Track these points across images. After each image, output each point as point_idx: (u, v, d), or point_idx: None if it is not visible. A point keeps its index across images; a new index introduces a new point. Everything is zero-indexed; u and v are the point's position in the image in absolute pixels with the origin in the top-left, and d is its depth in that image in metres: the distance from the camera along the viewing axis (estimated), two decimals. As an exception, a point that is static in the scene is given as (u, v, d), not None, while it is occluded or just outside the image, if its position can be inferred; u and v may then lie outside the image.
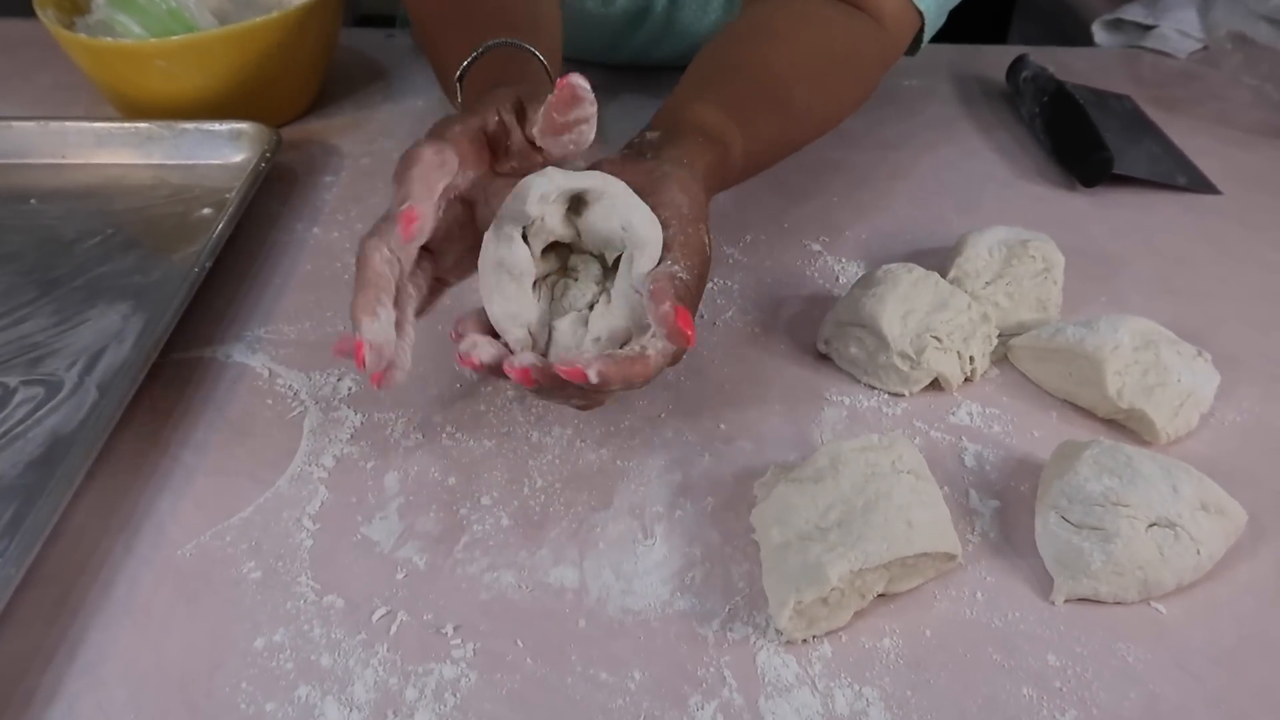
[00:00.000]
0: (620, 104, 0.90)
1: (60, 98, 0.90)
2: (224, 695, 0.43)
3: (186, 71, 0.79)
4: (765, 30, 0.66)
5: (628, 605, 0.47)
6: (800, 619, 0.45)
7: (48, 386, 0.59)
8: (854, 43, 0.70)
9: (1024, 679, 0.44)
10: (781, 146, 0.66)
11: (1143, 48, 1.04)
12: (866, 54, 0.71)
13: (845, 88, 0.71)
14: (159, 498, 0.53)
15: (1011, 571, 0.49)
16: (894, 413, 0.58)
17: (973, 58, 1.00)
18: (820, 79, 0.67)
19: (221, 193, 0.76)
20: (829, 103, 0.69)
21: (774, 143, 0.64)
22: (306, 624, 0.46)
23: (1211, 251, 0.73)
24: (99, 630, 0.46)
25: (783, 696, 0.44)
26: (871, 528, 0.46)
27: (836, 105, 0.71)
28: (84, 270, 0.69)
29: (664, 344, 0.44)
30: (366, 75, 0.95)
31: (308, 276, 0.69)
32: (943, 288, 0.61)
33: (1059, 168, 0.82)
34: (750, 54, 0.64)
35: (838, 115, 0.71)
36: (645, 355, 0.44)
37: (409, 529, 0.51)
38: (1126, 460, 0.50)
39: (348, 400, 0.59)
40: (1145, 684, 0.44)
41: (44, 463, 0.54)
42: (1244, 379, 0.61)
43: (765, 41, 0.65)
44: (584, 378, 0.43)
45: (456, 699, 0.43)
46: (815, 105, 0.67)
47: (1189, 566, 0.48)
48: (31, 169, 0.79)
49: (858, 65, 0.71)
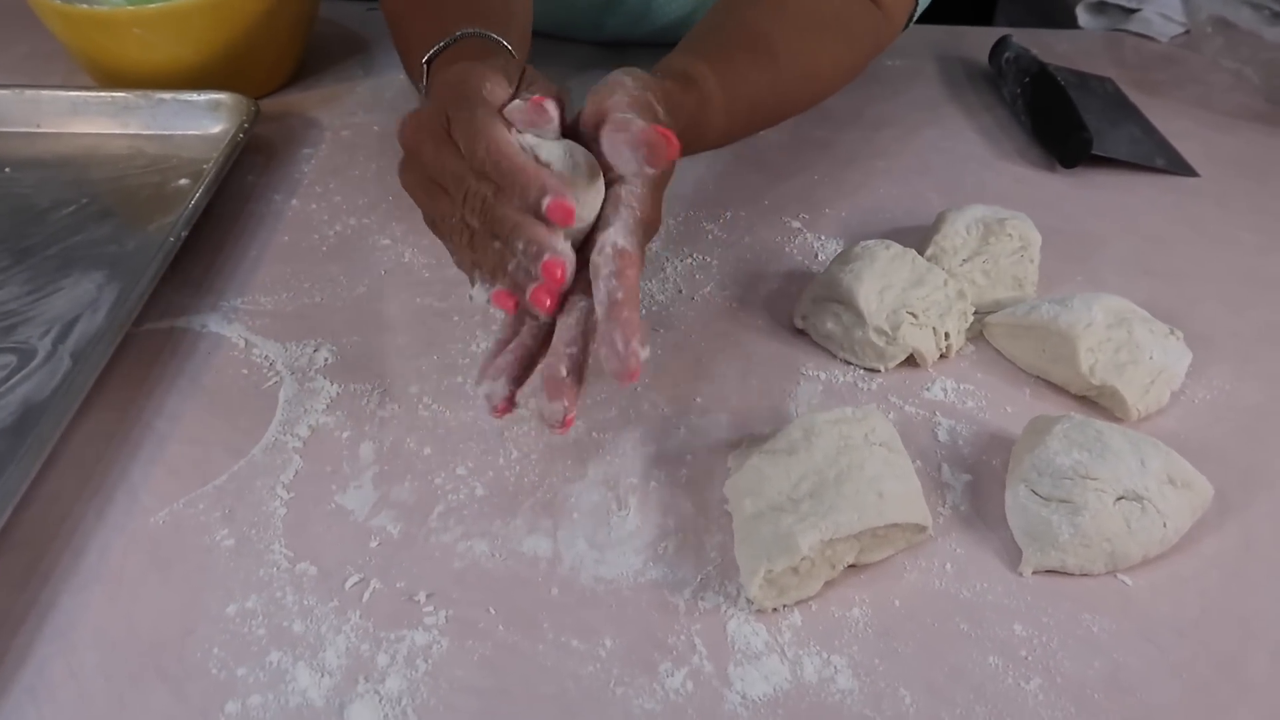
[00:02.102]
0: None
1: (36, 67, 0.89)
2: (195, 660, 0.44)
3: (164, 40, 0.78)
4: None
5: (600, 574, 0.48)
6: (771, 588, 0.45)
7: (20, 354, 0.59)
8: (845, 11, 0.70)
9: (990, 648, 0.45)
10: (768, 106, 0.66)
11: (1126, 31, 1.04)
12: (858, 24, 0.71)
13: (834, 52, 0.70)
14: (132, 465, 0.52)
15: (981, 544, 0.50)
16: (869, 388, 0.59)
17: (957, 39, 1.00)
18: (807, 40, 0.67)
19: (199, 163, 0.75)
20: (817, 65, 0.69)
21: (758, 101, 0.63)
22: (279, 591, 0.46)
23: (1188, 232, 0.73)
24: (70, 596, 0.46)
25: (752, 664, 0.44)
26: (843, 499, 0.46)
27: (828, 69, 0.70)
28: (58, 239, 0.69)
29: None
30: (346, 48, 0.94)
31: (285, 248, 0.69)
32: (919, 265, 0.62)
33: (1039, 148, 0.82)
34: (736, 16, 0.64)
35: (828, 79, 0.71)
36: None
37: (383, 498, 0.51)
38: (1096, 435, 0.50)
39: (324, 371, 0.59)
40: (1109, 653, 0.45)
41: (16, 430, 0.54)
42: (1216, 357, 0.61)
43: (751, 6, 0.65)
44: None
45: (428, 665, 0.44)
46: (802, 66, 0.67)
47: (1155, 539, 0.48)
48: (6, 137, 0.79)
49: (848, 33, 0.71)
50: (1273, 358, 0.62)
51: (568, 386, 0.46)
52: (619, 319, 0.44)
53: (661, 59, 0.59)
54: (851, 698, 0.43)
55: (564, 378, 0.46)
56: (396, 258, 0.68)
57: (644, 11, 0.89)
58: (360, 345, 0.61)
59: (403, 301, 0.64)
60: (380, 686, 0.43)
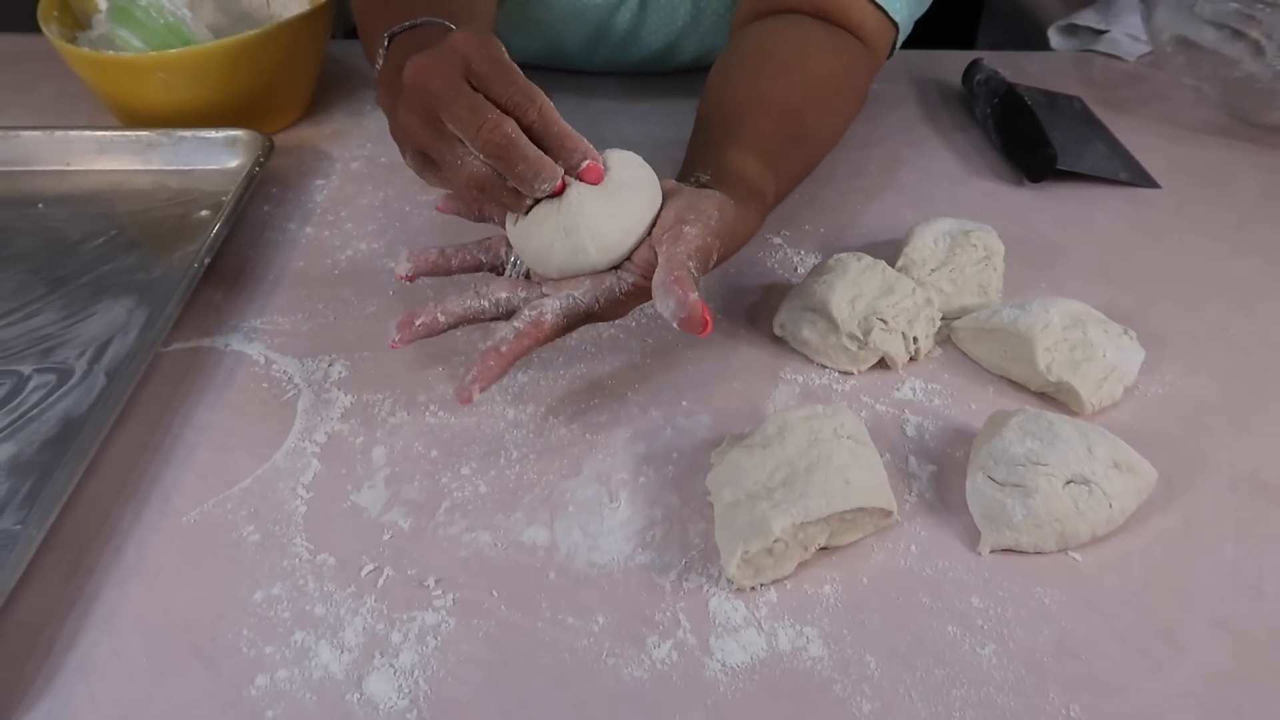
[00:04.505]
0: (597, 108, 0.95)
1: (63, 108, 0.95)
2: (227, 640, 0.48)
3: (184, 82, 0.83)
4: (777, 61, 0.72)
5: (594, 560, 0.52)
6: (748, 568, 0.50)
7: (59, 374, 0.64)
8: (850, 66, 0.76)
9: (950, 619, 0.49)
10: (799, 180, 0.73)
11: (1095, 51, 1.09)
12: (859, 74, 0.78)
13: (847, 110, 0.77)
14: (164, 471, 0.57)
15: (943, 527, 0.54)
16: (843, 389, 0.63)
17: (933, 62, 1.05)
18: (828, 108, 0.73)
19: (218, 196, 0.80)
20: (835, 129, 0.76)
21: (795, 179, 0.71)
22: (301, 579, 0.51)
23: (1148, 240, 0.78)
24: (112, 587, 0.51)
25: (731, 636, 0.48)
26: (812, 486, 0.51)
27: (841, 129, 0.78)
28: (89, 269, 0.74)
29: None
30: (355, 85, 1.00)
31: (300, 272, 0.74)
32: (889, 274, 0.66)
33: (1008, 164, 0.87)
34: (769, 90, 0.70)
35: (840, 137, 0.78)
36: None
37: (394, 496, 0.56)
38: (1048, 425, 0.55)
39: (338, 383, 0.63)
40: (1059, 622, 0.49)
41: (58, 442, 0.59)
42: (1168, 355, 0.65)
43: (781, 75, 0.71)
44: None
45: (437, 641, 0.48)
46: (824, 134, 0.74)
47: (1102, 519, 0.52)
48: (38, 175, 0.84)
49: (855, 87, 0.78)
50: (1222, 355, 0.66)
51: (490, 368, 0.53)
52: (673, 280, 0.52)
53: (707, 130, 0.67)
54: (821, 664, 0.47)
55: (494, 356, 0.53)
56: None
57: (629, 44, 0.95)
58: (371, 360, 0.65)
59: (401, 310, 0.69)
60: (395, 661, 0.47)
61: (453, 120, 0.53)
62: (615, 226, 0.55)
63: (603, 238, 0.55)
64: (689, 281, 0.52)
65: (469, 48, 0.53)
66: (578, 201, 0.54)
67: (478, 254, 0.61)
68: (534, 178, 0.53)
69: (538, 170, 0.53)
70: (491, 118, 0.52)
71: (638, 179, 0.57)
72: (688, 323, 0.51)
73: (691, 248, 0.54)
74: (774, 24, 0.76)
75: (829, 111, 0.74)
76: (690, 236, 0.54)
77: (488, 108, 0.52)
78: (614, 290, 0.56)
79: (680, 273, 0.52)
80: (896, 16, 0.77)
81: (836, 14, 0.76)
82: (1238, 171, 0.87)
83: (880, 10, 0.77)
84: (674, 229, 0.55)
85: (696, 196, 0.57)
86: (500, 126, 0.52)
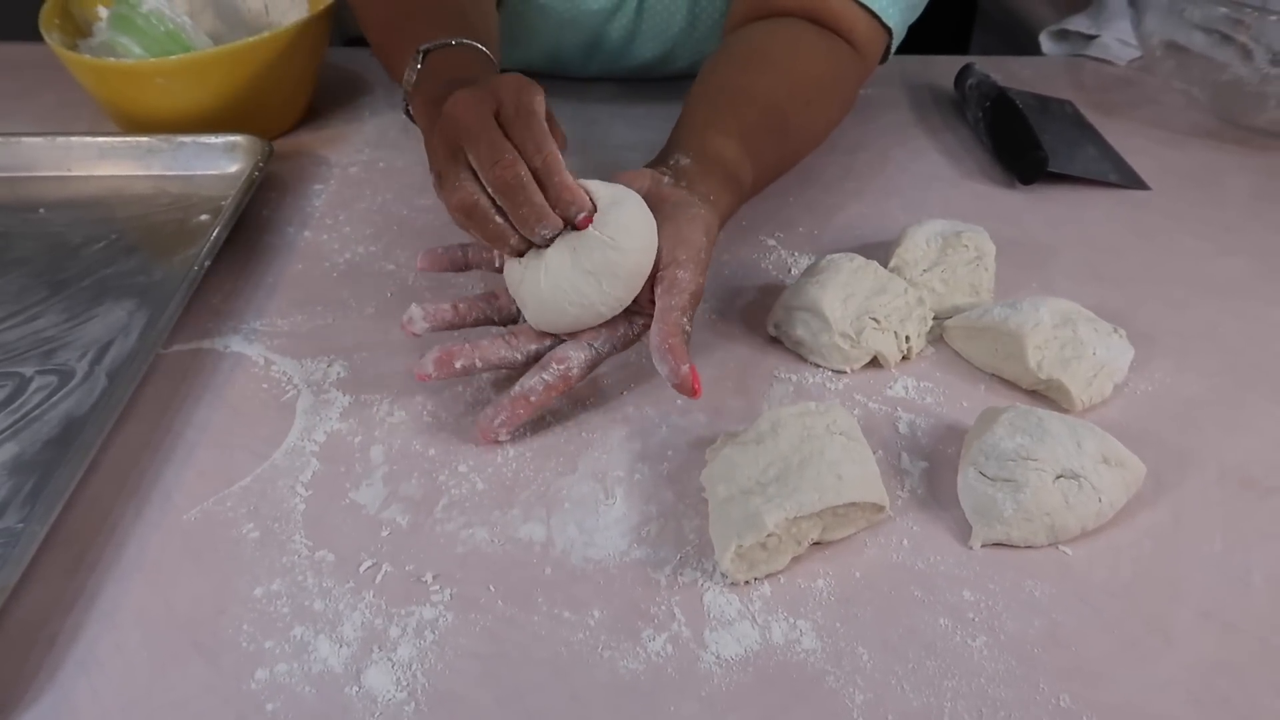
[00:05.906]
0: (593, 112, 0.96)
1: (64, 114, 0.95)
2: (227, 635, 0.49)
3: (184, 89, 0.84)
4: (765, 58, 0.74)
5: (589, 555, 0.53)
6: (741, 562, 0.50)
7: (61, 375, 0.64)
8: (838, 68, 0.78)
9: (941, 611, 0.50)
10: (778, 172, 0.75)
11: (1086, 56, 1.10)
12: (848, 78, 0.79)
13: (831, 112, 0.79)
14: (165, 469, 0.58)
15: (935, 522, 0.55)
16: (836, 387, 0.64)
17: (926, 67, 1.06)
18: (812, 107, 0.75)
19: (217, 200, 0.81)
20: (818, 128, 0.78)
21: (773, 170, 0.74)
22: (300, 575, 0.52)
23: (1137, 241, 0.79)
24: (114, 583, 0.51)
25: (725, 629, 0.49)
26: (805, 481, 0.51)
27: (823, 129, 0.79)
28: (90, 272, 0.75)
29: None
30: (354, 91, 1.01)
31: (299, 275, 0.75)
32: (881, 275, 0.67)
33: (1000, 167, 0.88)
34: (755, 83, 0.72)
35: (823, 138, 0.80)
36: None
37: (393, 494, 0.56)
38: (1038, 421, 0.56)
39: (337, 384, 0.64)
40: (1049, 614, 0.50)
41: (60, 441, 0.59)
42: (1158, 353, 0.66)
43: (769, 70, 0.73)
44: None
45: (435, 635, 0.49)
46: (806, 131, 0.76)
47: (1091, 513, 0.53)
48: (39, 181, 0.85)
49: (842, 90, 0.79)
50: (1210, 353, 0.67)
51: (518, 415, 0.58)
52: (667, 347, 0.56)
53: (692, 114, 0.69)
54: (814, 656, 0.48)
55: (523, 404, 0.58)
56: (400, 282, 0.74)
57: (624, 52, 0.96)
58: (369, 360, 0.66)
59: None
60: (393, 654, 0.48)
61: (473, 153, 0.55)
62: (618, 287, 0.58)
63: (612, 299, 0.58)
64: (682, 351, 0.56)
65: (506, 91, 0.56)
66: (584, 266, 0.57)
67: (488, 312, 0.63)
68: (535, 222, 0.55)
69: (540, 217, 0.55)
70: (508, 157, 0.54)
71: (636, 226, 0.58)
72: (680, 388, 0.56)
73: (685, 298, 0.57)
74: (766, 24, 0.77)
75: (813, 110, 0.75)
76: (684, 284, 0.58)
77: (506, 148, 0.54)
78: (627, 335, 0.61)
79: (674, 340, 0.56)
80: (889, 21, 0.78)
81: (829, 18, 0.77)
82: (1226, 173, 0.88)
83: (872, 15, 0.78)
84: (669, 271, 0.58)
85: (682, 219, 0.60)
86: (513, 167, 0.54)
